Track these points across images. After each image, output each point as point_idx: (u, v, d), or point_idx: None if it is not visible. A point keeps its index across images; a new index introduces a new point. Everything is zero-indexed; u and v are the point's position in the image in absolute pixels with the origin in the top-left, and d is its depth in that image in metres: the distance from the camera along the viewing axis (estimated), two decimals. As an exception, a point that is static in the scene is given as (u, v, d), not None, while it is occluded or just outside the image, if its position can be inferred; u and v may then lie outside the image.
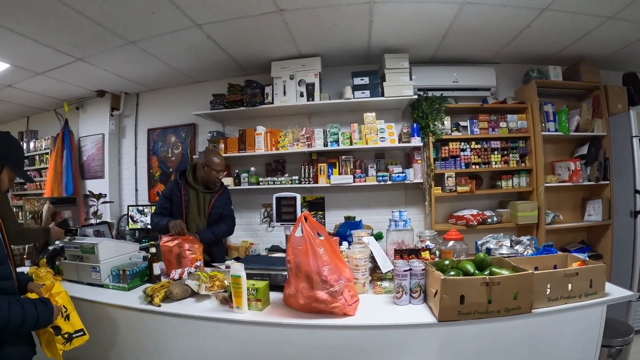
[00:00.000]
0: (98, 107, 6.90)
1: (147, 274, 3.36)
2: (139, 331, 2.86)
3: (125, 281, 3.16)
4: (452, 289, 2.31)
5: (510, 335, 2.51)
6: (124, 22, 4.31)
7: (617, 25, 4.82)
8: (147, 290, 2.85)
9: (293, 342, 2.54)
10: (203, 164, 4.10)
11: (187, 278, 3.02)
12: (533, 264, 2.79)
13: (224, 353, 2.67)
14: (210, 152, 4.26)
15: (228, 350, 2.65)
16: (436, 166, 5.53)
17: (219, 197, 4.21)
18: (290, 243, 2.63)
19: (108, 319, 2.86)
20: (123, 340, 2.88)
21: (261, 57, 5.57)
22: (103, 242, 3.28)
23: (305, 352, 2.53)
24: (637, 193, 5.38)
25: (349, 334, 2.49)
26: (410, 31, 4.91)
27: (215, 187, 4.21)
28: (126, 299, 2.92)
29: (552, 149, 5.99)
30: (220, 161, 4.14)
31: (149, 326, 2.81)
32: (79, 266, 3.31)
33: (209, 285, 2.88)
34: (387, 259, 3.09)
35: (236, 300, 2.59)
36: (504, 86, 5.99)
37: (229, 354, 2.66)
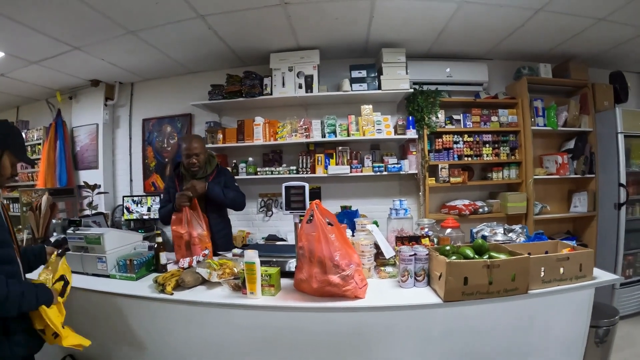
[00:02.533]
0: (92, 96, 6.89)
1: (153, 263, 3.40)
2: (149, 320, 2.91)
3: (133, 271, 3.18)
4: (456, 271, 2.50)
5: (509, 315, 2.72)
6: (126, 12, 4.37)
7: (607, 27, 5.07)
8: (159, 279, 2.88)
9: (306, 325, 2.66)
10: None
11: (197, 266, 3.07)
12: (526, 249, 2.96)
13: (238, 339, 2.75)
14: (180, 139, 4.22)
15: (242, 336, 2.74)
16: (430, 158, 5.74)
17: (214, 179, 4.20)
18: (303, 230, 2.73)
19: (117, 309, 2.90)
20: (134, 331, 2.92)
21: (260, 49, 5.67)
22: (109, 233, 3.28)
23: (319, 336, 2.66)
24: (621, 186, 5.71)
25: (360, 316, 2.62)
26: (409, 27, 5.08)
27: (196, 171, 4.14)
28: (135, 288, 2.96)
29: (541, 143, 6.28)
30: (187, 145, 4.07)
31: (160, 315, 2.87)
32: (84, 257, 3.29)
33: (220, 272, 2.95)
34: (389, 246, 3.24)
35: (250, 286, 2.68)
36: (496, 82, 6.24)
37: (244, 339, 2.74)
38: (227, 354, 2.79)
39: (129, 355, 2.97)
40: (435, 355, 2.70)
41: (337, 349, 2.67)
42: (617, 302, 5.70)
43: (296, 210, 3.36)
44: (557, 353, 2.93)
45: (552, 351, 2.91)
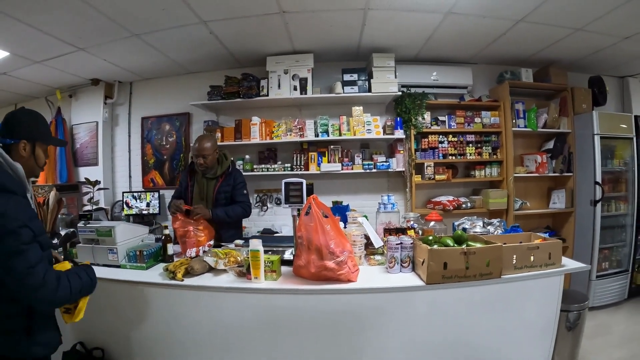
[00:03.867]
0: (91, 95, 7.08)
1: (161, 254, 3.59)
2: (160, 306, 3.10)
3: (143, 261, 3.37)
4: (437, 257, 2.86)
5: (485, 298, 3.07)
6: (133, 16, 4.59)
7: (585, 36, 5.42)
8: (169, 267, 3.10)
9: (305, 306, 2.97)
10: None
11: (203, 255, 3.33)
12: (502, 240, 3.30)
13: (245, 320, 3.01)
14: (195, 140, 4.36)
15: (249, 318, 3.00)
16: (416, 156, 6.12)
17: (224, 182, 4.33)
18: (301, 221, 3.05)
19: (127, 297, 3.06)
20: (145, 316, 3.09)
21: (257, 52, 5.95)
22: (120, 226, 3.43)
23: (317, 315, 2.97)
24: (597, 184, 6.12)
25: (353, 298, 2.95)
26: (398, 34, 5.42)
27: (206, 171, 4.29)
28: (147, 276, 3.14)
29: (522, 143, 6.72)
30: (198, 146, 4.18)
31: (171, 300, 3.08)
32: (95, 249, 3.43)
33: (226, 261, 3.21)
34: (378, 237, 3.60)
35: (254, 272, 2.98)
36: (480, 85, 6.64)
37: (250, 321, 3.01)
38: (235, 334, 3.05)
39: (140, 339, 3.16)
40: (420, 332, 3.05)
41: (334, 327, 2.99)
42: (593, 293, 6.17)
43: (294, 204, 3.69)
44: (531, 335, 3.29)
45: (526, 333, 3.27)
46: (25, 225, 1.99)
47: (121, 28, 4.85)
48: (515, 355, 3.27)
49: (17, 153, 2.21)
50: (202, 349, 3.11)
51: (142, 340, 3.14)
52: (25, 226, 1.98)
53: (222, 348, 3.09)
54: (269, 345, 3.04)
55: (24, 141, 2.22)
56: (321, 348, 3.03)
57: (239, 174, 4.52)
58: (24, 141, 2.22)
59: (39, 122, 2.39)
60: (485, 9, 4.66)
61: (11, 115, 2.30)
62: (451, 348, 3.09)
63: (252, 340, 3.05)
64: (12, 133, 2.21)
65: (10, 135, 2.20)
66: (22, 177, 2.15)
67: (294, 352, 3.04)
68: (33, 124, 2.34)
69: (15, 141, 2.20)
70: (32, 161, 2.30)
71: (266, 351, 3.05)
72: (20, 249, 1.94)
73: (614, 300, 6.40)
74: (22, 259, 1.93)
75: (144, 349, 3.13)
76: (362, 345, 3.03)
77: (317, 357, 3.04)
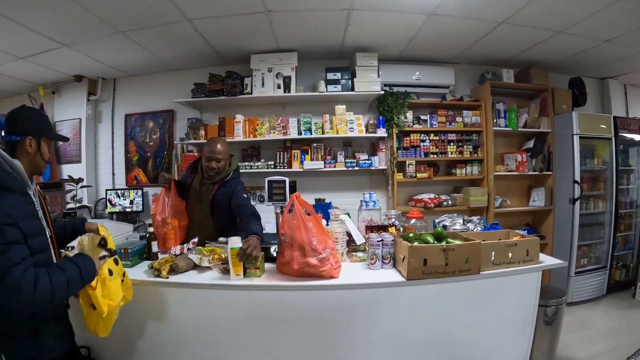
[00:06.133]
0: (75, 91, 7.09)
1: (145, 251, 3.62)
2: (146, 303, 3.09)
3: (128, 259, 3.37)
4: (417, 254, 2.98)
5: (465, 294, 3.21)
6: (118, 13, 4.63)
7: (566, 38, 5.62)
8: (154, 265, 3.14)
9: (290, 302, 3.07)
10: None
11: (188, 253, 3.34)
12: (481, 237, 3.44)
13: (231, 317, 3.08)
14: (208, 140, 4.15)
15: (234, 315, 3.07)
16: (398, 155, 6.30)
17: (222, 186, 4.06)
18: (284, 219, 3.17)
19: None
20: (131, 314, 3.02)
21: (242, 50, 6.04)
22: (104, 224, 3.20)
23: (301, 310, 3.06)
24: (576, 183, 6.34)
25: (336, 294, 3.06)
26: (382, 34, 5.56)
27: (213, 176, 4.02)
28: (132, 274, 3.01)
29: (502, 142, 6.94)
30: (212, 147, 3.92)
31: (156, 298, 3.09)
32: None
33: (210, 258, 3.28)
34: (360, 234, 3.69)
35: (235, 269, 3.05)
36: (462, 85, 6.84)
37: (235, 317, 3.08)
38: (220, 331, 3.12)
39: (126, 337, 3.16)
40: (402, 327, 3.17)
41: (318, 322, 3.09)
42: (572, 288, 6.40)
43: (277, 201, 3.75)
44: (510, 329, 3.46)
45: (506, 327, 3.43)
46: (13, 224, 1.97)
47: (106, 24, 4.90)
48: (495, 349, 3.43)
49: (23, 150, 2.25)
50: (188, 345, 3.17)
51: (128, 338, 3.18)
52: (13, 225, 1.97)
53: (209, 345, 3.15)
54: (255, 341, 3.12)
55: (30, 137, 2.26)
56: (306, 343, 3.12)
57: (238, 181, 4.19)
58: (29, 137, 2.26)
59: (42, 119, 2.45)
60: (468, 10, 4.83)
61: (15, 112, 2.33)
62: (433, 342, 3.24)
63: (237, 336, 3.12)
64: (18, 130, 2.25)
65: (15, 132, 2.24)
66: (22, 174, 2.17)
67: (280, 347, 3.13)
68: (37, 121, 2.38)
69: (22, 138, 2.24)
70: (38, 157, 2.33)
71: (252, 347, 3.13)
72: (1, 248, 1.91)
73: (593, 295, 6.64)
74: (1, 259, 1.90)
75: (130, 346, 3.19)
76: (346, 340, 3.14)
77: (302, 352, 3.13)
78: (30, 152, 2.27)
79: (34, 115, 2.42)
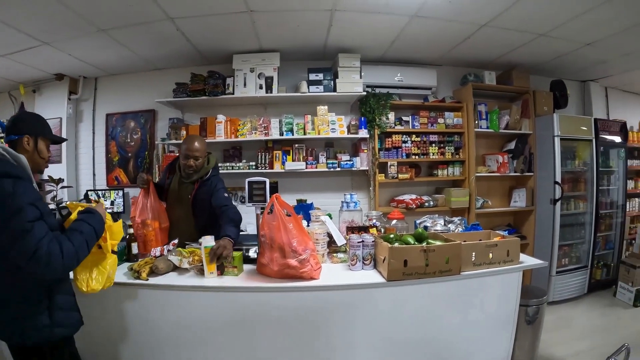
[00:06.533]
0: (56, 90, 7.00)
1: (125, 253, 3.58)
2: (127, 306, 3.10)
3: None
4: (398, 255, 3.01)
5: (446, 294, 3.25)
6: (100, 11, 4.56)
7: (548, 41, 5.72)
8: (134, 266, 3.14)
9: (270, 303, 3.08)
10: None
11: (168, 254, 3.34)
12: (462, 238, 3.52)
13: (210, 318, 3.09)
14: (185, 139, 4.19)
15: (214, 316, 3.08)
16: (380, 156, 6.33)
17: (203, 184, 4.06)
18: (264, 220, 3.16)
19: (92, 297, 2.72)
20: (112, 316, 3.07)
21: (224, 50, 6.03)
22: None
23: (281, 312, 3.07)
24: (556, 184, 6.43)
25: (316, 295, 3.07)
26: (364, 35, 5.59)
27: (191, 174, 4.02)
28: None
29: (484, 143, 7.00)
30: (189, 145, 3.94)
31: (137, 300, 3.10)
32: None
33: (190, 259, 3.29)
34: (341, 235, 3.71)
35: (209, 267, 3.13)
36: (444, 86, 6.91)
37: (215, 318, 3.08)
38: (201, 332, 3.11)
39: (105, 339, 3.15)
40: (384, 327, 3.18)
41: (299, 323, 3.11)
42: (554, 288, 6.50)
43: (258, 202, 3.74)
44: (492, 329, 3.51)
45: (487, 327, 3.47)
46: (32, 204, 2.16)
47: (87, 23, 4.84)
48: (477, 349, 3.47)
49: (21, 148, 2.44)
50: (168, 347, 3.17)
51: (108, 340, 3.16)
52: (32, 204, 2.15)
53: (189, 346, 3.15)
54: (236, 342, 3.13)
55: (27, 136, 2.45)
56: (287, 344, 3.13)
57: (218, 179, 4.19)
58: (27, 136, 2.45)
59: (40, 120, 2.63)
60: (450, 13, 4.87)
61: (14, 116, 2.65)
62: (414, 342, 3.27)
63: (218, 338, 3.12)
64: (16, 130, 2.45)
65: (14, 132, 2.45)
66: (26, 167, 2.32)
67: (261, 348, 3.14)
68: (34, 121, 2.59)
69: (20, 136, 2.43)
70: (36, 155, 2.51)
71: (233, 348, 3.14)
72: (27, 227, 2.08)
73: (574, 294, 6.75)
74: (29, 238, 2.07)
75: (110, 348, 3.18)
76: (327, 341, 3.16)
77: (283, 353, 3.14)
78: (29, 149, 2.45)
79: (32, 117, 2.64)
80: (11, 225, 2.08)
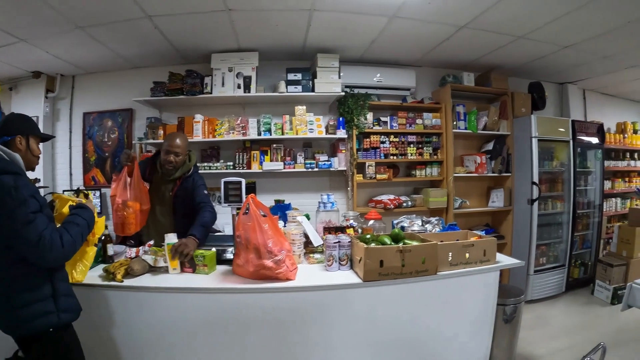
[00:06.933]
0: (33, 88, 6.86)
1: (101, 254, 3.50)
2: (102, 309, 3.05)
3: None
4: (374, 255, 3.02)
5: (423, 294, 3.27)
6: (77, 8, 4.49)
7: (526, 44, 5.80)
8: (109, 268, 3.10)
9: (246, 304, 3.07)
10: None
11: (142, 255, 3.34)
12: (439, 238, 3.55)
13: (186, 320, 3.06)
14: (168, 135, 4.32)
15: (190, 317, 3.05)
16: (358, 156, 6.35)
17: (184, 181, 4.10)
18: (240, 221, 3.14)
19: None
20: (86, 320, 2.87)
21: (202, 49, 6.00)
22: None
23: (258, 313, 3.06)
24: (534, 184, 6.54)
25: (292, 296, 3.07)
26: (343, 36, 5.61)
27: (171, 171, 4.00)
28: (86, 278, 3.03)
29: (462, 144, 7.08)
30: (171, 141, 3.94)
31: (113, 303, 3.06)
32: None
33: (165, 258, 3.27)
34: (317, 235, 3.73)
35: (172, 264, 3.23)
36: (423, 87, 6.96)
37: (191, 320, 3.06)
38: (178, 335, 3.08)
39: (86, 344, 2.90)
40: (360, 328, 3.19)
41: (275, 325, 3.09)
42: (532, 286, 6.61)
43: (233, 203, 3.72)
44: (469, 328, 3.53)
45: (465, 326, 3.50)
46: (33, 196, 2.31)
47: (65, 20, 4.77)
48: (455, 348, 3.49)
49: (15, 148, 2.51)
50: (145, 350, 3.13)
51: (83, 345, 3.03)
52: (33, 197, 2.31)
53: (166, 348, 3.12)
54: (213, 344, 3.11)
55: (20, 136, 2.55)
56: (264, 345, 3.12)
57: (199, 176, 4.28)
58: (19, 136, 2.55)
59: (29, 121, 2.74)
60: (429, 14, 4.91)
61: (5, 118, 2.74)
62: (392, 342, 3.27)
63: (194, 339, 3.10)
64: (8, 131, 2.54)
65: (7, 133, 2.53)
66: (21, 164, 2.45)
67: (238, 349, 3.12)
68: (24, 122, 2.69)
69: (12, 137, 2.52)
70: (28, 154, 2.61)
71: (210, 350, 3.11)
72: (30, 218, 2.23)
73: (552, 293, 6.87)
74: (32, 228, 2.22)
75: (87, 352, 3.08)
76: (304, 342, 3.15)
77: (260, 354, 3.13)
78: (22, 149, 2.55)
79: (21, 118, 2.71)
80: (16, 216, 2.20)
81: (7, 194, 2.20)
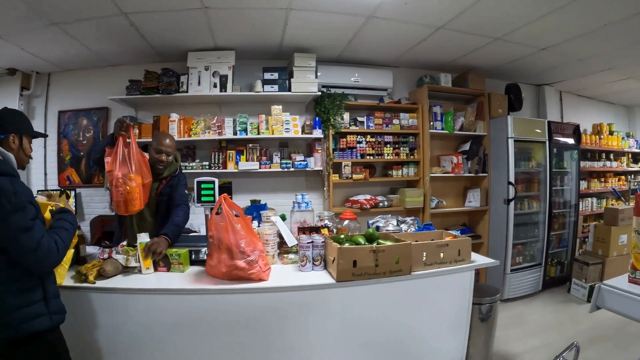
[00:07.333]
0: (7, 86, 6.70)
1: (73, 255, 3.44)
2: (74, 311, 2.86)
3: None
4: (347, 255, 3.02)
5: (397, 294, 3.28)
6: (52, 4, 4.42)
7: (503, 45, 5.87)
8: (81, 269, 3.04)
9: (218, 305, 3.05)
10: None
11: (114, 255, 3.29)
12: (414, 238, 3.58)
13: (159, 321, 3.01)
14: (158, 134, 4.30)
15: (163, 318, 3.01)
16: (335, 156, 6.36)
17: (170, 181, 4.07)
18: (212, 221, 3.13)
19: None
20: None
21: (179, 47, 5.95)
22: None
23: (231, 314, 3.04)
24: (510, 184, 6.64)
25: (265, 296, 3.06)
26: (320, 35, 5.63)
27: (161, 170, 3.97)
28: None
29: (439, 144, 7.16)
30: (164, 142, 3.92)
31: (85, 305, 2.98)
32: None
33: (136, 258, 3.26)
34: (292, 236, 3.74)
35: (145, 263, 3.24)
36: (400, 88, 7.02)
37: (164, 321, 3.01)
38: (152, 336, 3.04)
39: None
40: (334, 328, 3.20)
41: (249, 325, 3.07)
42: (509, 285, 6.71)
43: (207, 203, 3.69)
44: (445, 327, 3.56)
45: (440, 326, 3.53)
46: (30, 202, 2.31)
47: (39, 15, 4.69)
48: (431, 347, 3.52)
49: (7, 146, 2.47)
50: (118, 353, 3.08)
51: None
52: (30, 203, 2.30)
53: (139, 351, 3.08)
54: (186, 345, 3.07)
55: (13, 135, 2.50)
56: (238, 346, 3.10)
57: (183, 176, 4.30)
58: (12, 135, 2.49)
59: (23, 118, 2.70)
60: (406, 14, 4.95)
61: None
62: (367, 342, 3.28)
63: (167, 341, 3.06)
64: (2, 128, 2.48)
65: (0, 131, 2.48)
66: (15, 164, 2.45)
67: (212, 351, 3.09)
68: (18, 119, 2.62)
69: (5, 135, 2.47)
70: (21, 153, 2.57)
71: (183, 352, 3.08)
72: (29, 225, 2.23)
73: (529, 291, 6.99)
74: (30, 235, 2.22)
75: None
76: (279, 343, 3.13)
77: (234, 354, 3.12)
78: (14, 147, 2.50)
79: (14, 115, 2.64)
80: (13, 222, 2.17)
81: (6, 199, 2.17)
